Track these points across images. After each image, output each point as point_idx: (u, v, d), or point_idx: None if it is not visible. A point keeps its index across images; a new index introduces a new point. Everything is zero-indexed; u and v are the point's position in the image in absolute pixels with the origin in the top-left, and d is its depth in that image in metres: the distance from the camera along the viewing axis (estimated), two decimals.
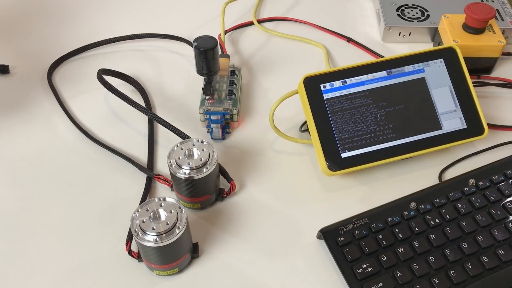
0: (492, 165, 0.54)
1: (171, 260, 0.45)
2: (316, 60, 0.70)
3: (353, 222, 0.48)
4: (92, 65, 0.69)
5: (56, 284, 0.46)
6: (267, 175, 0.55)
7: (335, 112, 0.53)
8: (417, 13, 0.72)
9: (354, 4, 0.80)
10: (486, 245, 0.47)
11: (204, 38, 0.56)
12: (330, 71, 0.54)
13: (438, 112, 0.55)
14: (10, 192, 0.54)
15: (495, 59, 0.65)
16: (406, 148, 0.53)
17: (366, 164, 0.53)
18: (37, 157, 0.57)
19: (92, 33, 0.73)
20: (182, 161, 0.49)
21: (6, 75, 0.68)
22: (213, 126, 0.58)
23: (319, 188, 0.54)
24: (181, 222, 0.44)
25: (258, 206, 0.53)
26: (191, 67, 0.68)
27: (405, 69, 0.55)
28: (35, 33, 0.74)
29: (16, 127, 0.61)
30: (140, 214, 0.44)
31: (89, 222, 0.51)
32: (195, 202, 0.51)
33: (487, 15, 0.62)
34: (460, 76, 0.56)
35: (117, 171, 0.56)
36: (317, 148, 0.53)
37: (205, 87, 0.59)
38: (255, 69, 0.69)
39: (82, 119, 0.62)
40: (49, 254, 0.49)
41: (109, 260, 0.48)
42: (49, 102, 0.64)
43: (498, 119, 0.61)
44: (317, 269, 0.47)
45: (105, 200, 0.53)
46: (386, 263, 0.45)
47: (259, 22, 0.76)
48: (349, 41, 0.72)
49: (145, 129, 0.60)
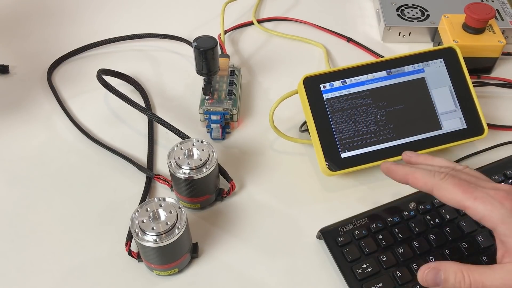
0: (492, 165, 0.54)
1: (170, 260, 0.45)
2: (316, 60, 0.70)
3: (353, 222, 0.48)
4: (92, 65, 0.69)
5: (56, 284, 0.46)
6: (267, 175, 0.55)
7: (335, 112, 0.53)
8: (417, 13, 0.72)
9: (354, 4, 0.80)
10: (486, 245, 0.47)
11: (204, 38, 0.56)
12: (330, 71, 0.54)
13: (438, 112, 0.55)
14: (10, 192, 0.54)
15: (495, 59, 0.65)
16: (406, 148, 0.53)
17: (366, 164, 0.53)
18: (37, 157, 0.57)
19: (91, 33, 0.73)
20: (181, 161, 0.48)
21: (6, 75, 0.68)
22: (213, 126, 0.58)
23: (319, 188, 0.54)
24: (181, 222, 0.44)
25: (258, 206, 0.53)
26: (191, 67, 0.68)
27: (405, 69, 0.55)
28: (35, 33, 0.74)
29: (16, 127, 0.61)
30: (140, 214, 0.44)
31: (89, 222, 0.51)
32: (194, 202, 0.51)
33: (487, 15, 0.62)
34: (460, 76, 0.56)
35: (117, 171, 0.56)
36: (317, 148, 0.53)
37: (205, 87, 0.59)
38: (255, 69, 0.69)
39: (82, 119, 0.62)
40: (49, 254, 0.49)
41: (108, 260, 0.48)
42: (49, 102, 0.64)
43: (498, 119, 0.61)
44: (317, 269, 0.47)
45: (105, 200, 0.53)
46: (386, 263, 0.45)
47: (259, 22, 0.76)
48: (349, 41, 0.72)
49: (145, 129, 0.60)
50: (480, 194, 0.37)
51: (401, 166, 0.43)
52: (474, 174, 0.41)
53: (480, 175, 0.42)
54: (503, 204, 0.36)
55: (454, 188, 0.38)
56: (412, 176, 0.41)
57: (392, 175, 0.43)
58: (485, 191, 0.37)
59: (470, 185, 0.38)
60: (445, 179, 0.39)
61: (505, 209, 0.36)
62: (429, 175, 0.40)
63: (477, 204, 0.37)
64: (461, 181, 0.39)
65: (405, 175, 0.42)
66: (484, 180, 0.40)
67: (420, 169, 0.41)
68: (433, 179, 0.39)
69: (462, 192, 0.38)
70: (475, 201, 0.37)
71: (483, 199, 0.37)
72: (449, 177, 0.39)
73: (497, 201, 0.36)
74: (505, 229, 0.36)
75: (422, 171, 0.41)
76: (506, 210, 0.36)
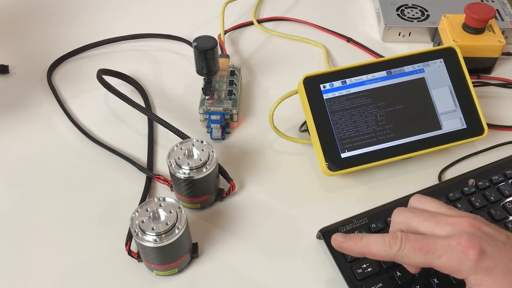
0: (492, 165, 0.54)
1: (170, 260, 0.45)
2: (316, 60, 0.70)
3: (353, 222, 0.48)
4: (92, 65, 0.69)
5: (56, 284, 0.46)
6: (267, 175, 0.55)
7: (335, 112, 0.53)
8: (417, 13, 0.72)
9: (354, 4, 0.80)
10: None
11: (204, 38, 0.56)
12: (330, 71, 0.54)
13: (438, 112, 0.55)
14: (10, 192, 0.54)
15: (495, 59, 0.65)
16: (406, 148, 0.53)
17: (366, 164, 0.53)
18: (37, 157, 0.57)
19: (92, 33, 0.73)
20: (181, 161, 0.48)
21: (6, 75, 0.68)
22: (212, 126, 0.58)
23: (318, 188, 0.54)
24: (181, 222, 0.44)
25: (258, 206, 0.53)
26: (191, 67, 0.68)
27: (405, 69, 0.55)
28: (35, 33, 0.74)
29: (16, 127, 0.61)
30: (140, 214, 0.44)
31: (89, 222, 0.51)
32: (194, 202, 0.51)
33: (487, 15, 0.62)
34: (460, 76, 0.56)
35: (116, 171, 0.56)
36: (316, 148, 0.53)
37: (205, 87, 0.59)
38: (255, 69, 0.69)
39: (81, 119, 0.62)
40: (48, 254, 0.49)
41: (108, 260, 0.48)
42: (49, 102, 0.64)
43: (498, 119, 0.61)
44: (316, 269, 0.47)
45: (105, 200, 0.53)
46: (386, 263, 0.45)
47: (259, 22, 0.76)
48: (349, 41, 0.72)
49: (144, 129, 0.60)
50: (442, 251, 0.37)
51: (352, 241, 0.41)
52: (430, 218, 0.39)
53: (435, 207, 0.41)
54: (467, 255, 0.36)
55: (416, 253, 0.38)
56: (368, 252, 0.40)
57: (347, 252, 0.42)
58: (446, 244, 0.37)
59: (429, 242, 0.38)
60: (402, 247, 0.38)
61: (471, 261, 0.36)
62: (384, 247, 0.39)
63: (443, 262, 0.37)
64: (418, 241, 0.38)
65: (361, 252, 0.41)
66: (441, 222, 0.39)
67: (373, 241, 0.40)
68: (390, 251, 0.39)
69: (424, 255, 0.37)
70: (441, 260, 0.37)
71: (447, 255, 0.37)
72: (406, 243, 0.38)
73: (461, 253, 0.36)
74: (474, 279, 0.36)
75: (376, 244, 0.40)
76: (472, 262, 0.36)
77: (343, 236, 0.42)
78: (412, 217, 0.40)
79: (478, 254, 0.36)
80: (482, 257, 0.36)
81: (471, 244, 0.36)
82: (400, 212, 0.41)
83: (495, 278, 0.36)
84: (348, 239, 0.42)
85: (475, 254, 0.36)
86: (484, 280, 0.36)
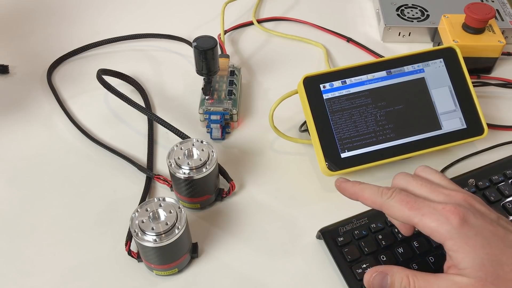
0: (492, 165, 0.54)
1: (170, 260, 0.45)
2: (316, 60, 0.70)
3: (353, 222, 0.48)
4: (92, 65, 0.69)
5: (56, 284, 0.46)
6: (267, 175, 0.55)
7: (335, 112, 0.53)
8: (417, 13, 0.72)
9: (354, 4, 0.80)
10: None
11: (204, 38, 0.56)
12: (329, 71, 0.54)
13: (438, 112, 0.55)
14: (10, 192, 0.54)
15: (495, 59, 0.65)
16: (406, 148, 0.53)
17: (366, 164, 0.53)
18: (36, 157, 0.57)
19: (92, 33, 0.74)
20: (181, 161, 0.49)
21: (6, 75, 0.68)
22: (212, 126, 0.58)
23: (318, 188, 0.54)
24: (181, 222, 0.44)
25: (258, 206, 0.53)
26: (190, 67, 0.68)
27: (405, 69, 0.55)
28: (35, 33, 0.74)
29: (16, 127, 0.61)
30: (140, 214, 0.44)
31: (89, 222, 0.51)
32: (194, 202, 0.51)
33: (487, 15, 0.62)
34: (460, 76, 0.56)
35: (116, 171, 0.56)
36: (316, 148, 0.53)
37: (205, 87, 0.59)
38: (255, 69, 0.69)
39: (81, 119, 0.62)
40: (48, 254, 0.49)
41: (108, 260, 0.48)
42: (49, 102, 0.64)
43: (498, 119, 0.61)
44: (316, 269, 0.47)
45: (105, 200, 0.53)
46: (385, 263, 0.45)
47: (259, 22, 0.76)
48: (349, 41, 0.72)
49: (144, 129, 0.60)
50: (427, 210, 0.37)
51: (352, 184, 0.43)
52: (428, 185, 0.40)
53: (437, 179, 0.42)
54: (449, 219, 0.36)
55: (401, 205, 0.39)
56: (361, 194, 0.42)
57: (343, 192, 0.44)
58: (432, 205, 0.38)
59: (417, 201, 0.38)
60: (391, 197, 0.39)
61: (451, 225, 0.36)
62: (376, 194, 0.41)
63: (424, 220, 0.37)
64: (408, 197, 0.39)
65: (354, 193, 0.43)
66: (437, 190, 0.40)
67: (368, 188, 0.42)
68: (380, 198, 0.40)
69: (409, 209, 0.38)
70: (423, 218, 0.37)
71: (430, 215, 0.37)
72: (396, 195, 0.39)
73: (444, 216, 0.37)
74: (452, 244, 0.36)
75: (370, 190, 0.41)
76: (452, 227, 0.36)
77: (345, 179, 0.44)
78: (412, 181, 0.41)
79: (460, 221, 0.36)
80: (463, 224, 0.36)
81: (456, 211, 0.37)
82: (401, 175, 0.42)
83: (473, 247, 0.36)
84: (349, 181, 0.44)
85: (457, 220, 0.36)
86: (461, 247, 0.36)
